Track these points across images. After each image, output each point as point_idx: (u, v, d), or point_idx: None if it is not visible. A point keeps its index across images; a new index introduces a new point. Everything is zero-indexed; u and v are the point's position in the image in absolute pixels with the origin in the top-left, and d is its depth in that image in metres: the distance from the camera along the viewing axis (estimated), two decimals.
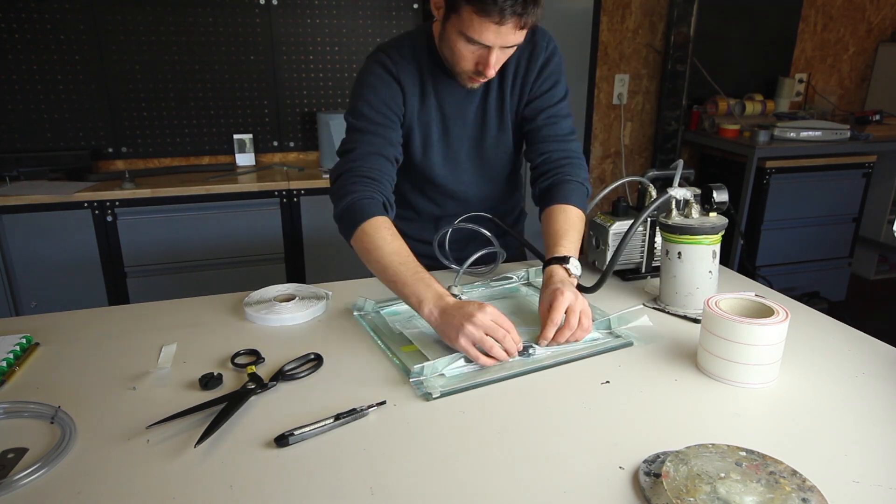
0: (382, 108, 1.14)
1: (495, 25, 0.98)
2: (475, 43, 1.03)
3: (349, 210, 1.07)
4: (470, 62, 1.07)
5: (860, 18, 3.52)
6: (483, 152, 1.27)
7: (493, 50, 1.03)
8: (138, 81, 2.50)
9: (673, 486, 0.61)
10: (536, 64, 1.19)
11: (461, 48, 1.05)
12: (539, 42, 1.20)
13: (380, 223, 1.05)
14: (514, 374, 0.88)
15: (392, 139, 1.15)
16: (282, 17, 2.57)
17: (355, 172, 1.10)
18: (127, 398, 0.83)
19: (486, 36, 1.00)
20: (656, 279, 1.17)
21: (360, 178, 1.10)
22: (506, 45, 1.03)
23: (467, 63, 1.08)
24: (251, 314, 1.07)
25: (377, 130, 1.14)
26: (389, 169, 1.14)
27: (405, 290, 0.98)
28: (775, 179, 2.92)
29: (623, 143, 3.35)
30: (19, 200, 2.08)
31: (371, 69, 1.16)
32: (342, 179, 1.11)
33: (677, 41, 3.11)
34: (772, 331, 0.82)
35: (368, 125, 1.13)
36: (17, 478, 0.66)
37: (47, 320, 1.07)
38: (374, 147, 1.13)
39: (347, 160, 1.12)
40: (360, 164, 1.11)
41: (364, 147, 1.12)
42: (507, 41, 1.02)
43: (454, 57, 1.08)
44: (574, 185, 1.20)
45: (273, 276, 2.38)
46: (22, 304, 2.20)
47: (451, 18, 1.03)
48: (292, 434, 0.72)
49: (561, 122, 1.23)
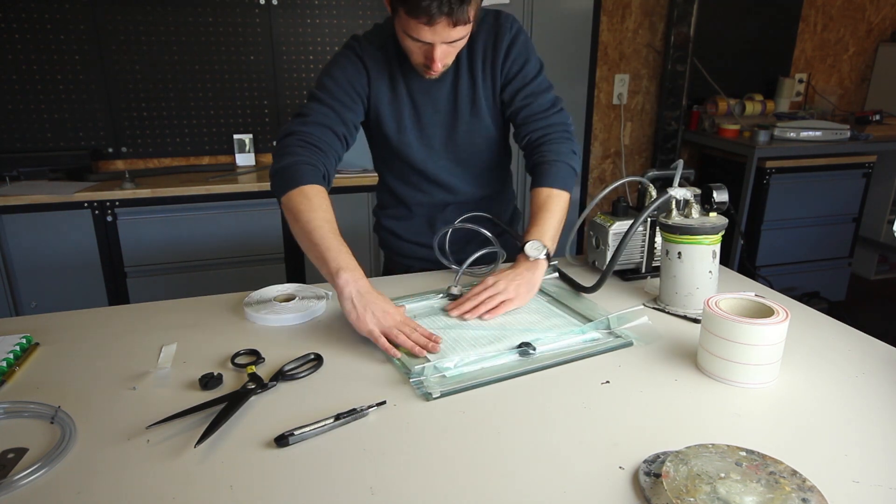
0: (345, 86, 1.17)
1: (427, 26, 1.01)
2: (416, 40, 1.05)
3: (290, 170, 1.08)
4: (419, 56, 1.10)
5: (860, 18, 3.52)
6: (457, 137, 1.27)
7: (436, 46, 1.05)
8: (138, 81, 2.50)
9: (673, 486, 0.61)
10: (502, 47, 1.20)
11: (407, 44, 1.08)
12: (503, 24, 1.20)
13: (318, 190, 1.07)
14: (514, 374, 0.88)
15: (347, 119, 1.17)
16: (282, 17, 2.57)
17: (304, 138, 1.12)
18: (127, 398, 0.83)
19: (423, 35, 1.03)
20: (656, 279, 1.17)
21: (308, 145, 1.12)
22: (447, 41, 1.05)
23: (417, 57, 1.11)
24: (251, 314, 1.07)
25: (334, 106, 1.16)
26: (337, 146, 1.16)
27: (328, 254, 0.99)
28: (775, 179, 2.92)
29: (623, 143, 3.35)
30: (19, 200, 2.08)
31: (342, 52, 1.20)
32: (289, 139, 1.13)
33: (677, 41, 3.11)
34: (772, 331, 0.82)
35: (328, 98, 1.16)
36: (17, 478, 0.66)
37: (47, 320, 1.07)
38: (328, 120, 1.15)
39: (299, 123, 1.14)
40: (311, 132, 1.13)
41: (318, 117, 1.14)
42: (446, 38, 1.04)
43: (406, 52, 1.12)
44: (556, 165, 1.19)
45: (273, 276, 2.38)
46: (22, 304, 2.20)
47: (396, 19, 1.06)
48: (292, 434, 0.72)
49: (539, 98, 1.23)
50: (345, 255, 1.00)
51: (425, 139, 1.27)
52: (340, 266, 0.98)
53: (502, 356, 0.92)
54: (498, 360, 0.91)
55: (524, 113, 1.24)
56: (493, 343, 0.96)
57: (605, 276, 1.12)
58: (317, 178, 1.09)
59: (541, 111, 1.23)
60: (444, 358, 0.90)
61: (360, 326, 0.96)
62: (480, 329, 1.02)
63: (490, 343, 0.96)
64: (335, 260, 0.99)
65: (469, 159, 1.31)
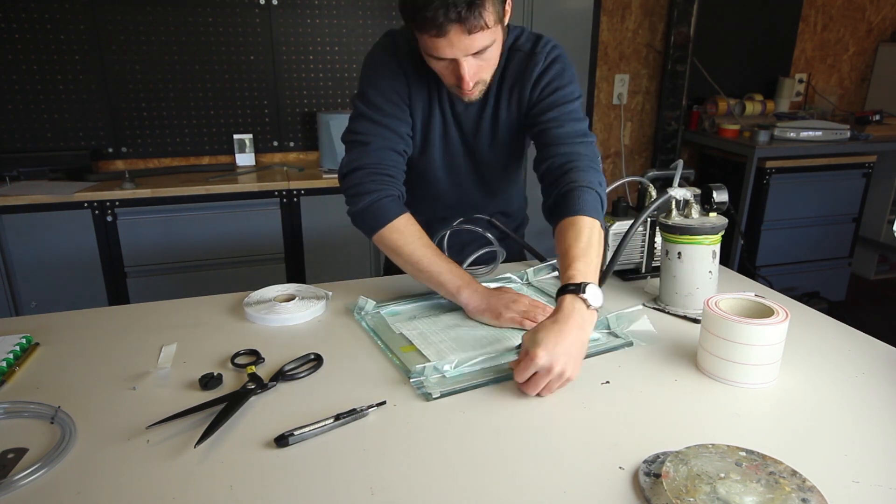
0: (392, 96, 1.12)
1: (442, 38, 0.94)
2: (439, 59, 0.99)
3: (372, 210, 1.09)
4: (450, 77, 1.04)
5: (860, 18, 3.52)
6: (478, 160, 1.25)
7: (461, 61, 0.98)
8: (138, 81, 2.50)
9: (673, 486, 0.61)
10: (532, 76, 1.13)
11: (434, 66, 1.03)
12: (538, 52, 1.13)
13: (407, 222, 1.09)
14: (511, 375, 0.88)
15: (402, 132, 1.14)
16: (282, 17, 2.57)
17: (372, 169, 1.10)
18: (127, 398, 0.83)
19: (441, 50, 0.96)
20: (656, 279, 1.17)
21: (379, 177, 1.10)
22: (470, 53, 0.97)
23: (448, 79, 1.05)
24: (251, 314, 1.07)
25: (389, 123, 1.12)
26: (401, 164, 1.14)
27: (441, 278, 1.06)
28: (775, 179, 2.92)
29: (623, 143, 3.35)
30: (19, 200, 2.08)
31: (381, 55, 1.13)
32: (359, 176, 1.10)
33: (677, 41, 3.11)
34: (772, 331, 0.82)
35: (379, 116, 1.11)
36: (17, 478, 0.66)
37: (47, 320, 1.07)
38: (388, 142, 1.12)
39: (363, 154, 1.11)
40: (377, 161, 1.10)
41: (378, 141, 1.11)
42: (466, 49, 0.96)
43: (439, 75, 1.06)
44: (581, 191, 1.03)
45: (273, 276, 2.38)
46: (22, 304, 2.20)
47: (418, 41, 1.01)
48: (292, 434, 0.72)
49: (566, 126, 1.11)
50: (456, 275, 1.07)
51: (448, 160, 1.24)
52: (458, 286, 1.06)
53: (502, 356, 0.92)
54: (498, 360, 0.91)
55: (546, 137, 1.12)
56: (493, 343, 0.96)
57: (605, 275, 1.12)
58: (400, 209, 1.09)
59: (566, 137, 1.10)
60: (444, 358, 0.90)
61: (503, 323, 1.02)
62: (480, 329, 1.02)
63: (490, 343, 0.96)
64: (450, 282, 1.06)
65: (483, 178, 1.29)
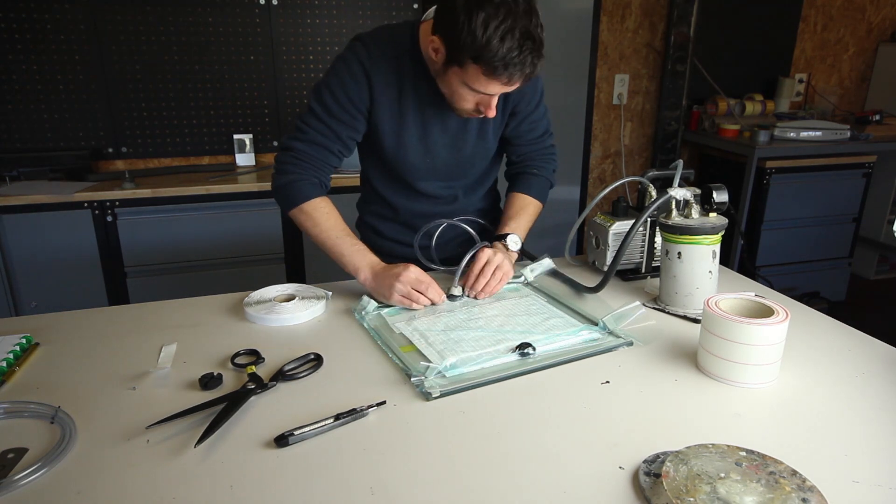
0: (344, 103, 1.16)
1: (504, 84, 1.02)
2: (480, 93, 1.05)
3: (288, 188, 1.18)
4: (470, 104, 1.10)
5: (860, 18, 3.52)
6: (461, 159, 1.28)
7: (495, 95, 1.07)
8: (138, 81, 2.49)
9: (673, 486, 0.61)
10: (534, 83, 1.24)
11: (463, 93, 1.07)
12: None
13: (317, 203, 1.18)
14: (513, 374, 0.88)
15: (343, 135, 1.19)
16: (282, 17, 2.57)
17: (299, 156, 1.18)
18: (127, 398, 0.83)
19: (493, 89, 1.04)
20: (656, 279, 1.17)
21: (304, 163, 1.18)
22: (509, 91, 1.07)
23: (467, 104, 1.11)
24: (251, 314, 1.07)
25: (331, 124, 1.18)
26: (332, 160, 1.22)
27: (343, 259, 1.14)
28: (775, 179, 2.92)
29: (623, 143, 3.35)
30: (19, 200, 2.08)
31: (344, 59, 1.17)
32: (288, 156, 1.19)
33: (677, 41, 3.11)
34: (772, 331, 0.82)
35: (325, 116, 1.17)
36: (17, 478, 0.66)
37: (47, 320, 1.07)
38: (324, 139, 1.18)
39: (296, 140, 1.19)
40: (306, 150, 1.18)
41: (314, 136, 1.18)
42: (510, 90, 1.05)
43: (453, 97, 1.11)
44: (537, 179, 1.34)
45: (273, 276, 2.38)
46: (22, 304, 2.19)
47: (454, 68, 1.03)
48: (292, 434, 0.72)
49: (539, 125, 1.32)
50: (356, 255, 1.14)
51: (428, 158, 1.26)
52: (356, 266, 1.14)
53: (502, 357, 0.92)
54: (498, 360, 0.91)
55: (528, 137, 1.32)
56: (493, 345, 0.96)
57: (608, 275, 1.12)
58: (314, 192, 1.18)
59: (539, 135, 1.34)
60: (445, 358, 0.90)
61: (391, 303, 1.10)
62: (481, 331, 1.01)
63: (491, 345, 0.96)
64: (350, 263, 1.14)
65: (466, 176, 1.33)
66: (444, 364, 0.88)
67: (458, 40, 0.98)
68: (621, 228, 1.23)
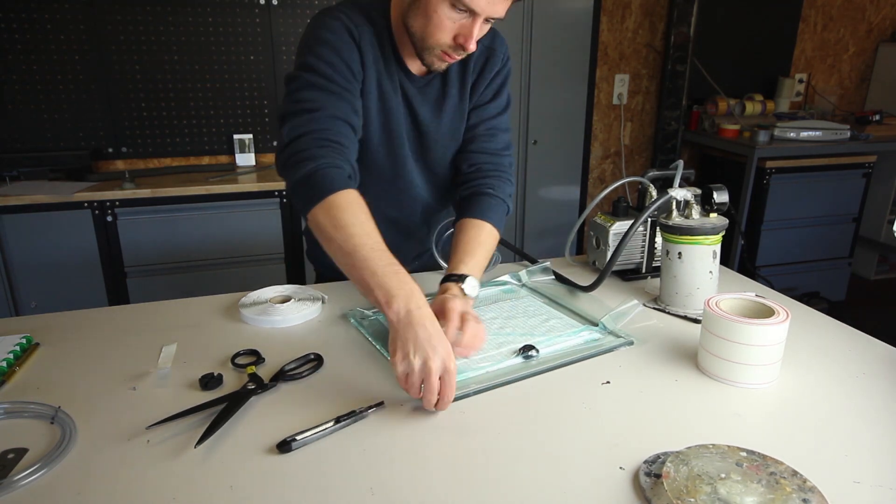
0: (344, 71, 0.98)
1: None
2: (461, 10, 0.91)
3: (314, 178, 0.90)
4: (448, 33, 0.94)
5: (860, 18, 3.52)
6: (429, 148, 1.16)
7: (478, 20, 0.92)
8: (138, 81, 2.49)
9: (673, 486, 0.61)
10: (492, 70, 1.13)
11: (442, 15, 0.92)
12: (498, 49, 1.14)
13: (351, 197, 0.90)
14: (518, 377, 0.88)
15: (356, 106, 1.00)
16: (282, 17, 2.57)
17: (321, 135, 0.93)
18: (127, 398, 0.83)
19: (478, 2, 0.90)
20: (656, 279, 1.17)
21: (328, 142, 0.93)
22: (491, 17, 0.93)
23: (445, 35, 0.94)
24: (246, 315, 1.06)
25: (342, 94, 0.97)
26: (354, 140, 0.99)
27: (372, 279, 0.83)
28: (775, 179, 2.92)
29: (623, 143, 3.35)
30: (19, 200, 2.08)
31: (328, 25, 0.99)
32: (304, 142, 0.93)
33: (677, 41, 3.11)
34: (772, 331, 0.82)
35: (331, 85, 0.96)
36: (17, 478, 0.66)
37: (47, 320, 1.06)
38: (341, 111, 0.96)
39: (310, 121, 0.94)
40: (328, 128, 0.94)
41: (330, 109, 0.95)
42: (495, 11, 0.92)
43: (430, 27, 0.94)
44: (495, 201, 1.11)
45: (273, 276, 2.38)
46: (22, 304, 2.20)
47: None
48: (294, 440, 0.72)
49: (499, 136, 1.17)
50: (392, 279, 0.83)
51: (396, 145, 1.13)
52: (389, 293, 0.81)
53: (505, 360, 0.92)
54: (501, 364, 0.91)
55: (481, 144, 1.15)
56: (495, 348, 0.96)
57: (604, 274, 1.12)
58: (346, 182, 0.91)
59: (498, 149, 1.17)
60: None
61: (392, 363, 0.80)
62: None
63: (493, 348, 0.96)
64: (381, 287, 0.82)
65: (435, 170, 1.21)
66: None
67: None
68: (622, 228, 1.23)
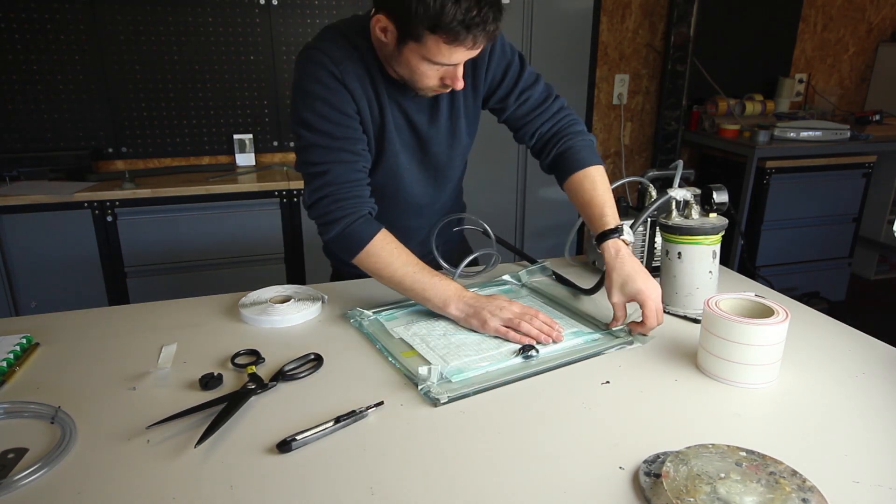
0: (339, 118, 1.05)
1: (463, 49, 0.94)
2: (444, 65, 0.97)
3: (345, 237, 1.06)
4: (434, 79, 1.01)
5: (860, 18, 3.52)
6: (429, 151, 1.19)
7: (461, 64, 0.99)
8: (138, 81, 2.49)
9: (673, 486, 0.61)
10: (484, 61, 1.13)
11: (424, 70, 0.99)
12: None
13: (382, 241, 1.06)
14: (519, 377, 0.88)
15: (357, 150, 1.08)
16: (282, 17, 2.57)
17: (336, 196, 1.05)
18: (127, 398, 0.83)
19: (456, 57, 0.96)
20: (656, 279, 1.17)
21: (344, 201, 1.06)
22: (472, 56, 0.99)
23: (431, 80, 1.01)
24: (246, 315, 1.06)
25: (343, 146, 1.06)
26: (363, 181, 1.10)
27: (427, 294, 1.04)
28: (775, 179, 2.92)
29: (623, 143, 3.35)
30: (19, 200, 2.08)
31: (314, 76, 1.04)
32: (325, 205, 1.06)
33: (677, 41, 3.11)
34: (772, 331, 0.82)
35: (329, 141, 1.05)
36: (17, 478, 0.66)
37: (47, 320, 1.07)
38: (346, 165, 1.06)
39: (323, 184, 1.06)
40: (339, 188, 1.06)
41: (335, 168, 1.06)
42: (474, 54, 0.98)
43: (414, 77, 1.01)
44: (575, 144, 1.16)
45: (273, 276, 2.38)
46: (22, 304, 2.19)
47: (409, 44, 0.95)
48: (294, 440, 0.72)
49: (533, 93, 1.17)
50: (441, 289, 1.04)
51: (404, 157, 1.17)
52: (443, 299, 1.03)
53: (505, 360, 0.92)
54: (501, 364, 0.91)
55: (522, 111, 1.18)
56: (496, 348, 0.96)
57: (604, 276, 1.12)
58: (373, 229, 1.06)
59: (539, 103, 1.18)
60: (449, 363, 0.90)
61: (487, 331, 1.00)
62: (482, 333, 1.01)
63: (493, 348, 0.96)
64: (437, 297, 1.03)
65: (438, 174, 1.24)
66: (447, 367, 0.88)
67: (410, 12, 0.89)
68: None
